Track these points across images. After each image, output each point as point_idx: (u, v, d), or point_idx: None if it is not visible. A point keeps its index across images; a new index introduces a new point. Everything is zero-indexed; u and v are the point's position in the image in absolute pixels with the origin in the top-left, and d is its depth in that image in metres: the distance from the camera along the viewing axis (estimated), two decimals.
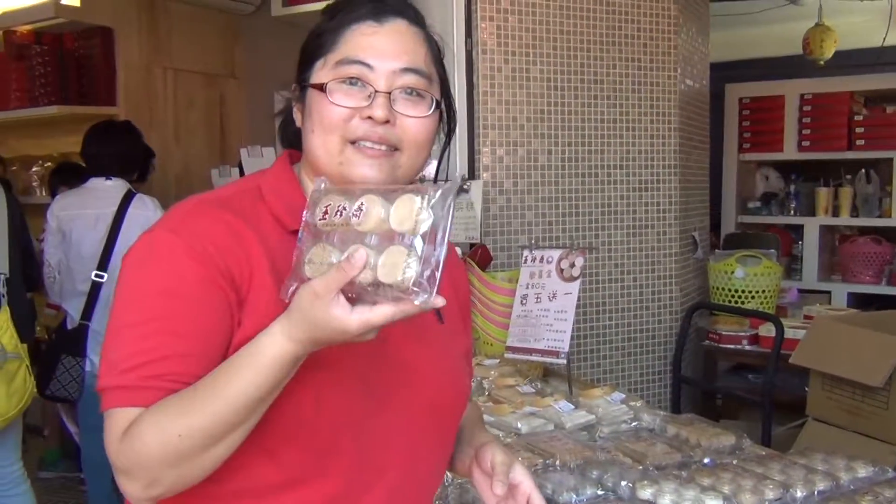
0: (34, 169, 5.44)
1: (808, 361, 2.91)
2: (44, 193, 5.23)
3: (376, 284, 0.91)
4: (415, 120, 1.12)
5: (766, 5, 5.64)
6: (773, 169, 5.57)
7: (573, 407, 2.16)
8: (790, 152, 5.25)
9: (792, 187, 5.37)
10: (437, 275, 0.90)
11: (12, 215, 2.87)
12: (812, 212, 5.25)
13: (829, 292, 5.01)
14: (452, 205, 0.92)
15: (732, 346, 3.54)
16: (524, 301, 2.41)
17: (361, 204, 0.95)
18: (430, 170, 1.31)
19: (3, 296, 2.71)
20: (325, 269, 0.93)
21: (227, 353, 1.03)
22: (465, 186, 3.00)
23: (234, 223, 1.08)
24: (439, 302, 0.90)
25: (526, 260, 2.48)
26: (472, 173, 3.13)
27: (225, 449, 0.99)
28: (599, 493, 1.65)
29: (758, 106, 5.40)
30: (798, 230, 5.30)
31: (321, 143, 1.12)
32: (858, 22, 6.13)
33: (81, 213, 3.57)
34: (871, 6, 5.93)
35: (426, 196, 0.92)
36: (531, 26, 3.17)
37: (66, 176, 4.57)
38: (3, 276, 2.75)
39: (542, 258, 2.42)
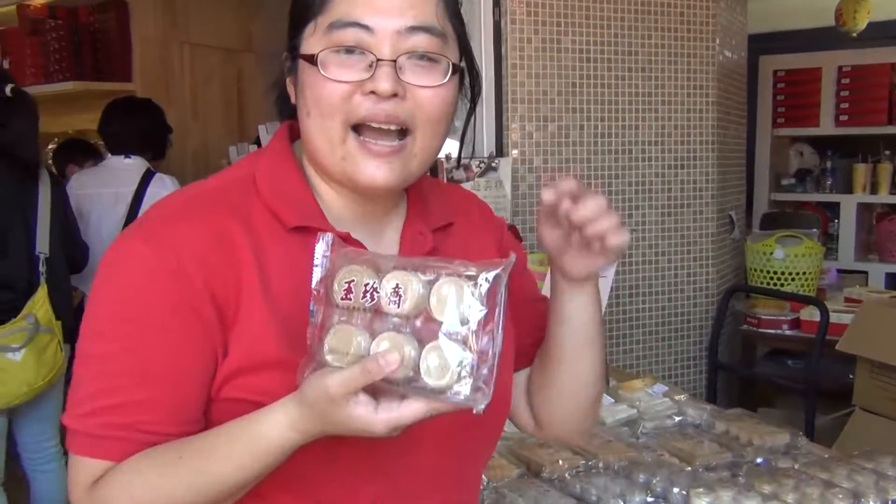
0: (49, 146, 5.36)
1: (856, 348, 2.77)
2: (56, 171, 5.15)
3: (413, 380, 0.78)
4: (429, 91, 0.93)
5: None
6: (807, 144, 5.37)
7: (612, 400, 2.03)
8: (827, 127, 5.05)
9: (828, 163, 5.17)
10: (495, 374, 0.77)
11: (55, 202, 2.95)
12: (849, 189, 5.05)
13: (865, 272, 4.84)
14: (505, 289, 0.79)
15: (772, 331, 3.38)
16: None
17: (397, 286, 0.80)
18: (452, 148, 1.16)
19: (42, 274, 2.81)
20: (351, 359, 0.80)
21: (211, 389, 0.90)
22: (493, 164, 2.86)
23: (222, 227, 0.91)
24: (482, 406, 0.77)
25: None
26: (501, 150, 2.99)
27: None
28: (649, 500, 1.52)
29: (793, 79, 5.19)
30: (833, 208, 5.12)
31: (319, 128, 0.94)
32: None
33: (100, 192, 3.53)
34: None
35: (476, 282, 0.78)
36: None
37: (74, 153, 4.47)
38: (43, 255, 2.84)
39: None
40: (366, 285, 0.82)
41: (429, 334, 0.78)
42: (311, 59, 0.92)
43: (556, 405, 1.11)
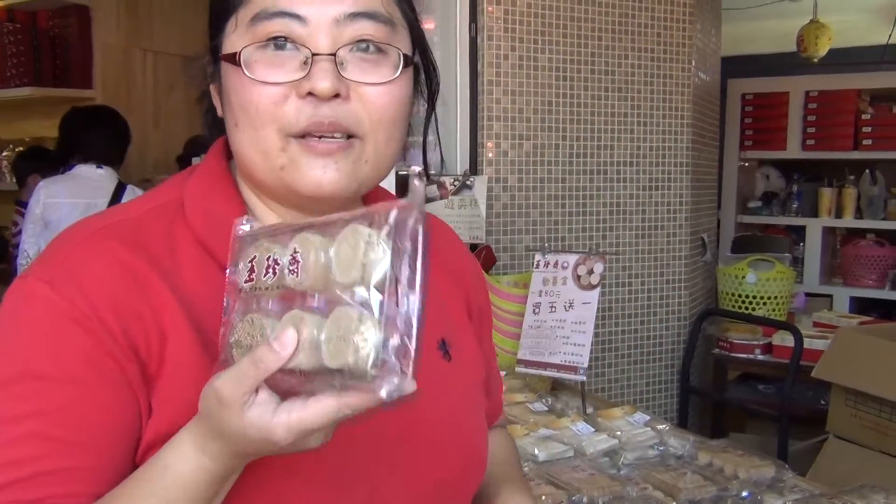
0: (4, 153, 5.21)
1: (831, 375, 2.74)
2: (13, 179, 4.99)
3: (323, 371, 0.61)
4: (377, 88, 0.78)
5: (764, 0, 5.49)
6: (773, 168, 5.41)
7: (593, 430, 1.97)
8: (794, 151, 5.08)
9: (794, 187, 5.21)
10: (412, 345, 0.59)
11: None
12: (814, 212, 5.09)
13: (830, 296, 4.86)
14: (421, 228, 0.60)
15: (744, 356, 3.36)
16: (537, 310, 2.20)
17: (295, 250, 0.64)
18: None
19: None
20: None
21: (138, 455, 0.75)
22: (468, 182, 2.79)
23: (138, 265, 0.75)
24: (410, 387, 0.59)
25: (538, 265, 2.28)
26: (475, 168, 2.92)
27: None
28: None
29: (761, 102, 5.23)
30: (799, 231, 5.15)
31: (251, 140, 0.78)
32: (853, 20, 6.01)
33: (73, 203, 3.41)
34: (867, 4, 5.80)
35: (377, 223, 0.60)
36: (540, 11, 2.96)
37: (38, 163, 4.32)
38: None
39: (556, 263, 2.22)
40: (268, 259, 0.66)
41: (333, 306, 0.61)
42: (234, 59, 0.77)
43: None
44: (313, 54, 0.76)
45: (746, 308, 3.47)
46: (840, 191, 5.00)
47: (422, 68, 0.88)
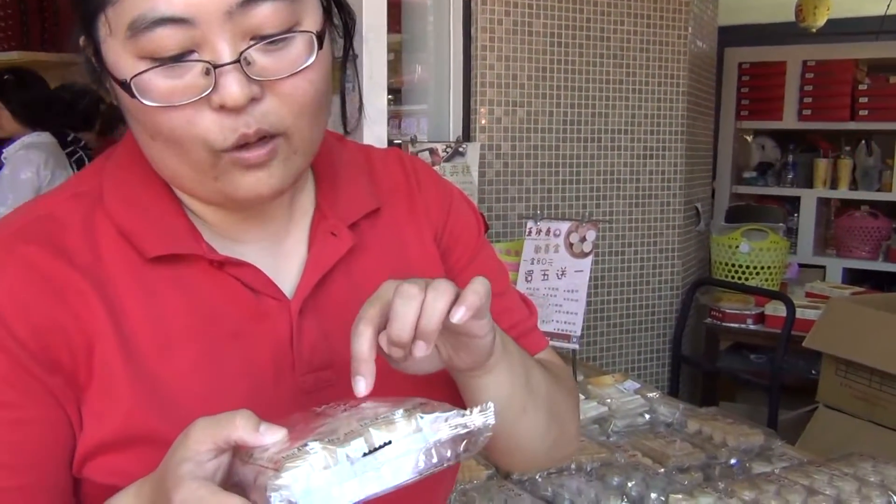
0: None
1: (822, 345, 2.74)
2: None
3: (261, 465, 0.58)
4: (292, 80, 0.69)
5: None
6: (768, 138, 5.38)
7: (583, 397, 1.96)
8: (790, 121, 5.05)
9: (790, 157, 5.18)
10: None
11: None
12: (809, 183, 5.07)
13: (823, 267, 4.86)
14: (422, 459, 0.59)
15: (736, 325, 3.36)
16: (529, 278, 2.19)
17: (363, 402, 0.64)
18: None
19: None
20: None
21: (74, 468, 0.71)
22: (460, 149, 2.76)
23: (55, 269, 0.69)
24: None
25: (530, 232, 2.26)
26: (468, 135, 2.89)
27: None
28: None
29: (758, 72, 5.18)
30: (794, 202, 5.13)
31: (176, 155, 0.70)
32: None
33: None
34: None
35: (422, 415, 0.60)
36: None
37: None
38: None
39: (548, 230, 2.20)
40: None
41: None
42: (126, 87, 0.67)
43: (507, 459, 0.91)
44: (214, 67, 0.66)
45: (739, 278, 3.46)
46: (835, 162, 4.97)
47: (335, 10, 0.76)
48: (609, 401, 1.95)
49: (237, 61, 0.66)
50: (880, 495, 1.45)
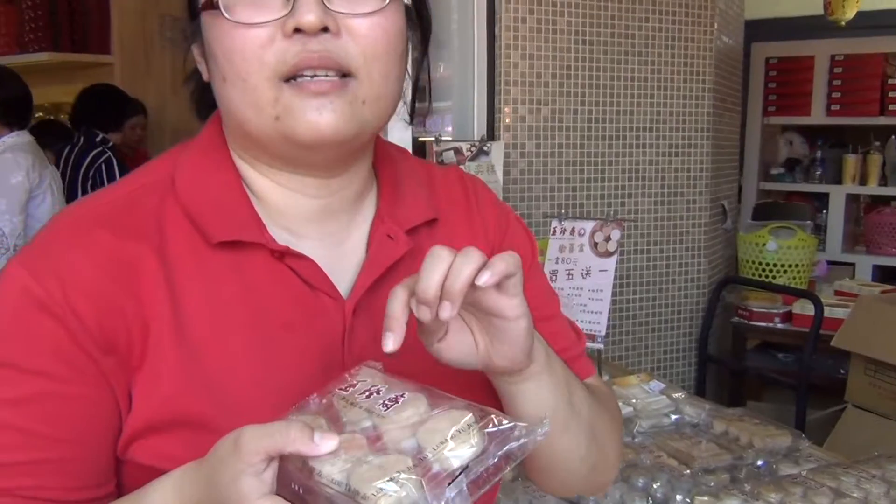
0: None
1: (851, 345, 2.71)
2: None
3: (341, 492, 0.58)
4: (367, 20, 0.73)
5: None
6: (796, 133, 5.32)
7: None
8: (818, 116, 5.00)
9: (818, 153, 5.12)
10: None
11: None
12: (838, 179, 5.02)
13: (853, 264, 4.80)
14: (504, 459, 0.61)
15: (763, 324, 3.33)
16: (554, 277, 2.19)
17: (401, 395, 0.65)
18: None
19: None
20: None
21: (119, 449, 0.73)
22: (485, 148, 2.76)
23: (123, 250, 0.73)
24: None
25: (555, 231, 2.25)
26: (492, 134, 2.89)
27: None
28: None
29: (785, 67, 5.13)
30: (822, 198, 5.07)
31: (241, 92, 0.73)
32: None
33: None
34: None
35: (486, 421, 0.61)
36: None
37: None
38: None
39: (573, 230, 2.20)
40: (372, 386, 0.67)
41: (394, 451, 0.61)
42: (212, 4, 0.72)
43: (545, 477, 0.91)
44: None
45: (767, 276, 3.43)
46: (865, 157, 4.91)
47: (413, 7, 0.81)
48: (634, 401, 1.94)
49: None
50: None
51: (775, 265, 3.41)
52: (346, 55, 0.72)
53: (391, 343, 0.66)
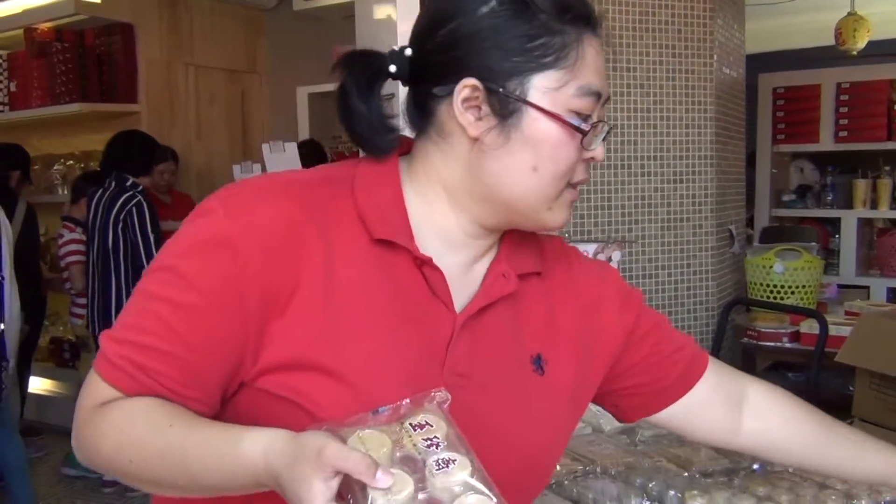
0: (56, 167, 5.42)
1: (854, 359, 2.78)
2: (64, 192, 5.20)
3: None
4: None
5: None
6: (807, 160, 5.41)
7: None
8: (826, 143, 5.09)
9: (828, 179, 5.21)
10: None
11: None
12: (849, 204, 5.09)
13: (867, 287, 4.85)
14: None
15: (772, 344, 3.39)
16: None
17: (453, 461, 0.77)
18: None
19: None
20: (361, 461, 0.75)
21: (248, 373, 0.89)
22: None
23: (301, 219, 0.90)
24: None
25: None
26: None
27: (175, 494, 0.88)
28: (646, 503, 1.54)
29: (792, 95, 5.24)
30: (834, 223, 5.15)
31: (541, 186, 0.94)
32: (893, 10, 5.96)
33: None
34: None
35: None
36: None
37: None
38: None
39: None
40: (435, 437, 0.79)
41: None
42: (576, 128, 0.92)
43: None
44: (609, 128, 0.95)
45: (775, 298, 3.50)
46: (875, 182, 4.99)
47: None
48: None
49: (611, 129, 0.96)
50: (890, 488, 1.52)
51: (783, 286, 3.49)
52: None
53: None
